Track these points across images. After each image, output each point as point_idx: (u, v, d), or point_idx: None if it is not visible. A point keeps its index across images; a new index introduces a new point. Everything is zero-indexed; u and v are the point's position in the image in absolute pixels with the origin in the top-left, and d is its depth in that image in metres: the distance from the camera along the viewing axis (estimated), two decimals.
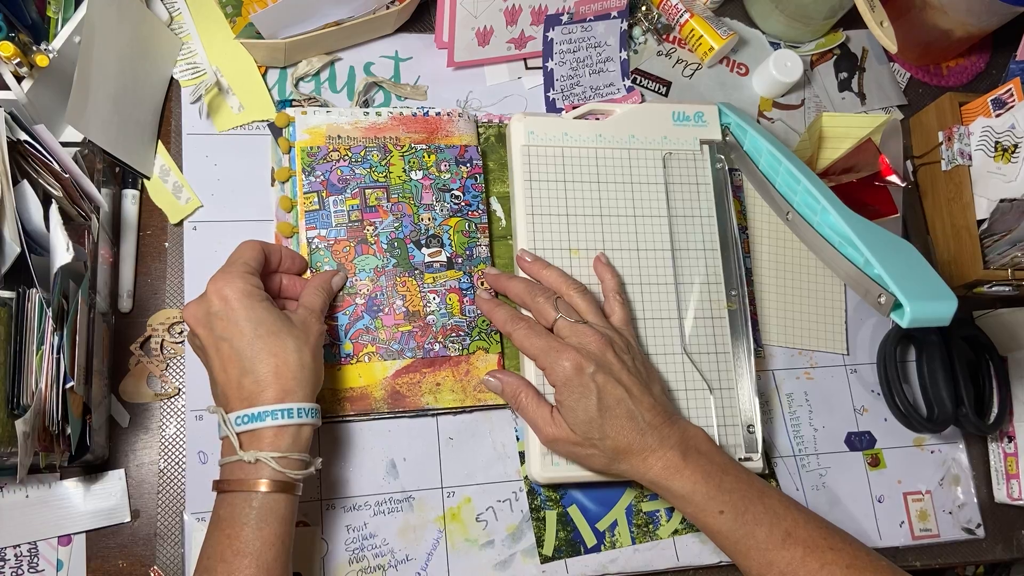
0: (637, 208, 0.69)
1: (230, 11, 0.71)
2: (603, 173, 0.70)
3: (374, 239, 0.66)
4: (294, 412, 0.52)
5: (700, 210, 0.71)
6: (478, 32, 0.73)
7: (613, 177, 0.70)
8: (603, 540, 0.66)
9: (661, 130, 0.72)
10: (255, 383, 0.52)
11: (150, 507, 0.61)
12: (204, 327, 0.54)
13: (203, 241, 0.67)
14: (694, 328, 0.68)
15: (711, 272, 0.69)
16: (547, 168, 0.69)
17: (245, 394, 0.52)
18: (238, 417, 0.52)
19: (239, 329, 0.53)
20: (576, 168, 0.69)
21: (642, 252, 0.68)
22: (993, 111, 0.76)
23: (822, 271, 0.76)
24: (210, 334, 0.53)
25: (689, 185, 0.71)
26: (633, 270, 0.68)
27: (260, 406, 0.52)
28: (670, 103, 0.75)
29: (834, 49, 0.85)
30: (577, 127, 0.70)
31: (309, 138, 0.68)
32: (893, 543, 0.70)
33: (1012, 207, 0.71)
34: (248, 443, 0.52)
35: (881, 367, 0.74)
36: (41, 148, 0.56)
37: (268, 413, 0.51)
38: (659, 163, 0.71)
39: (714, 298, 0.69)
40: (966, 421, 0.72)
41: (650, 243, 0.69)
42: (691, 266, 0.69)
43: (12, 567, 0.58)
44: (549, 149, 0.69)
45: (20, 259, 0.54)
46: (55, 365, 0.53)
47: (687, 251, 0.69)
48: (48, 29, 0.62)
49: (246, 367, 0.52)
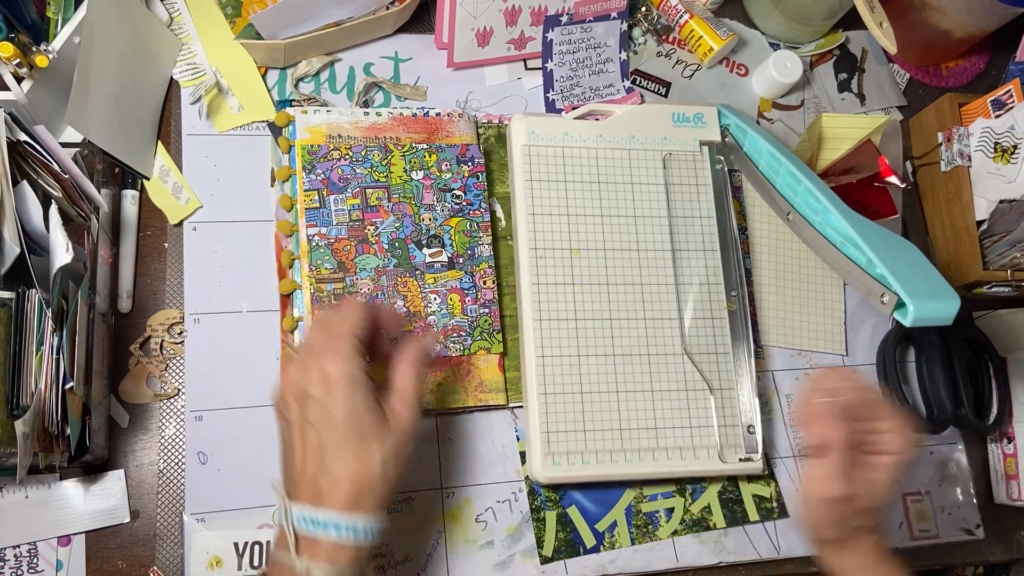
0: (637, 208, 0.70)
1: (230, 12, 0.71)
2: (603, 173, 0.70)
3: (375, 239, 0.66)
4: (360, 531, 0.48)
5: (700, 211, 0.71)
6: (478, 33, 0.73)
7: (613, 177, 0.70)
8: (602, 541, 0.66)
9: (661, 131, 0.72)
10: (329, 483, 0.48)
11: (149, 508, 0.61)
12: (298, 403, 0.50)
13: (203, 241, 0.67)
14: (694, 328, 0.68)
15: (711, 273, 0.69)
16: (548, 168, 0.69)
17: (315, 490, 0.48)
18: (302, 515, 0.48)
19: (331, 422, 0.49)
20: (577, 168, 0.69)
21: (642, 252, 0.69)
22: (992, 112, 0.76)
23: (821, 272, 0.76)
24: (301, 414, 0.50)
25: (689, 186, 0.71)
26: (633, 270, 0.68)
27: (327, 509, 0.48)
28: (670, 104, 0.75)
29: (834, 50, 0.85)
30: (578, 127, 0.71)
31: (309, 137, 0.68)
32: (893, 543, 0.70)
33: (1011, 208, 0.71)
34: (305, 547, 0.47)
35: (880, 368, 0.74)
36: (41, 149, 0.56)
37: (333, 525, 0.47)
38: (659, 164, 0.71)
39: (714, 299, 0.69)
40: (965, 422, 0.72)
41: (650, 243, 0.69)
42: (691, 267, 0.69)
43: (12, 567, 0.58)
44: (550, 149, 0.69)
45: (20, 259, 0.54)
46: (55, 365, 0.53)
47: (687, 252, 0.70)
48: (48, 29, 0.62)
49: (325, 463, 0.48)
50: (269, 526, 0.62)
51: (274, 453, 0.64)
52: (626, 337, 0.67)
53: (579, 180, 0.69)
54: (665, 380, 0.66)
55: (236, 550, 0.61)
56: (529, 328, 0.65)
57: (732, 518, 0.68)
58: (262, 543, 0.61)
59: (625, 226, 0.69)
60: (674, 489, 0.68)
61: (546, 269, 0.67)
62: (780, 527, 0.69)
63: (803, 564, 0.69)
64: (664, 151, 0.72)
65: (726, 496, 0.69)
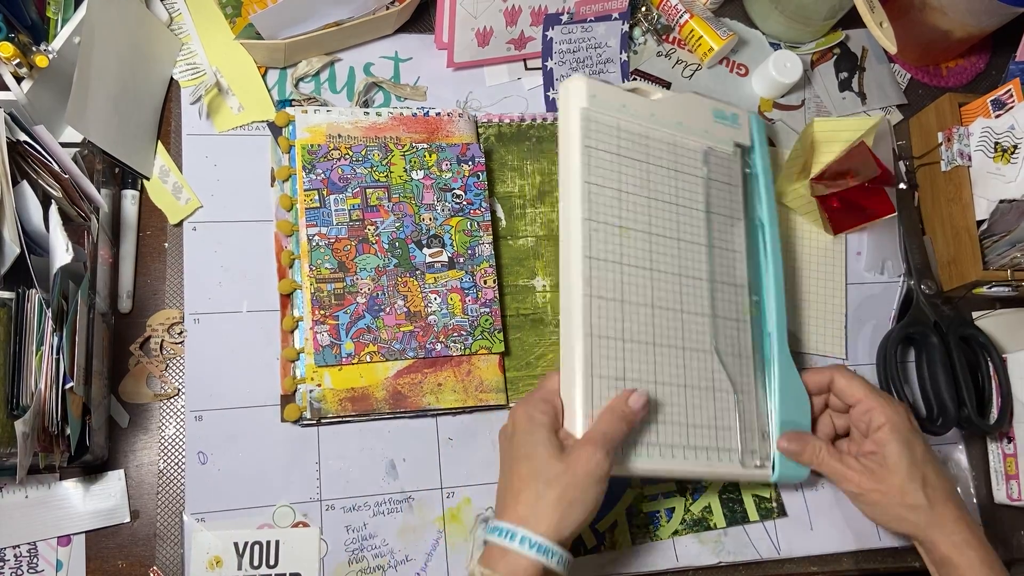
0: (680, 197, 0.67)
1: (230, 12, 0.71)
2: (653, 155, 0.67)
3: (375, 239, 0.66)
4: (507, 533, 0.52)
5: (732, 211, 0.70)
6: (478, 33, 0.73)
7: (661, 161, 0.67)
8: (603, 541, 0.66)
9: (703, 123, 0.70)
10: (507, 502, 0.55)
11: (149, 508, 0.61)
12: (506, 437, 0.59)
13: (203, 241, 0.67)
14: (723, 327, 0.66)
15: (738, 275, 0.68)
16: (606, 137, 0.65)
17: (498, 507, 0.57)
18: (491, 526, 0.54)
19: (510, 453, 0.57)
20: (630, 143, 0.66)
21: (682, 243, 0.66)
22: (993, 112, 0.76)
23: (821, 274, 0.76)
24: (506, 444, 0.58)
25: (724, 184, 0.70)
26: (673, 259, 0.65)
27: (506, 523, 0.53)
28: (712, 99, 0.73)
29: (834, 48, 0.85)
30: (635, 102, 0.67)
31: (309, 136, 0.68)
32: (893, 543, 0.70)
33: (1011, 208, 0.71)
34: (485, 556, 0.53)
35: (881, 368, 0.74)
36: (41, 149, 0.56)
37: (495, 529, 0.53)
38: (700, 156, 0.69)
39: (739, 301, 0.68)
40: (966, 422, 0.72)
41: (689, 235, 0.67)
42: (723, 265, 0.68)
43: (12, 567, 0.58)
44: (609, 118, 0.65)
45: (20, 260, 0.54)
46: (55, 365, 0.53)
47: (719, 249, 0.68)
48: (48, 29, 0.62)
49: (504, 485, 0.57)
50: (269, 526, 0.62)
51: (274, 453, 0.64)
52: (665, 327, 0.63)
53: (632, 157, 0.66)
54: (696, 376, 0.64)
55: (236, 550, 0.61)
56: (577, 305, 0.60)
57: (732, 518, 0.68)
58: (262, 543, 0.61)
59: (668, 212, 0.66)
60: (674, 489, 0.68)
61: (598, 244, 0.62)
62: (780, 527, 0.69)
63: (803, 564, 0.69)
64: (706, 145, 0.69)
65: (726, 496, 0.69)
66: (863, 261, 0.79)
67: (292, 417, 0.62)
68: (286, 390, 0.63)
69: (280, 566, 0.61)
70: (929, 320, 0.75)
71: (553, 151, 0.74)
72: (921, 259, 0.79)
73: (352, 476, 0.64)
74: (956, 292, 0.77)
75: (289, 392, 0.63)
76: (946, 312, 0.76)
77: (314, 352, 0.63)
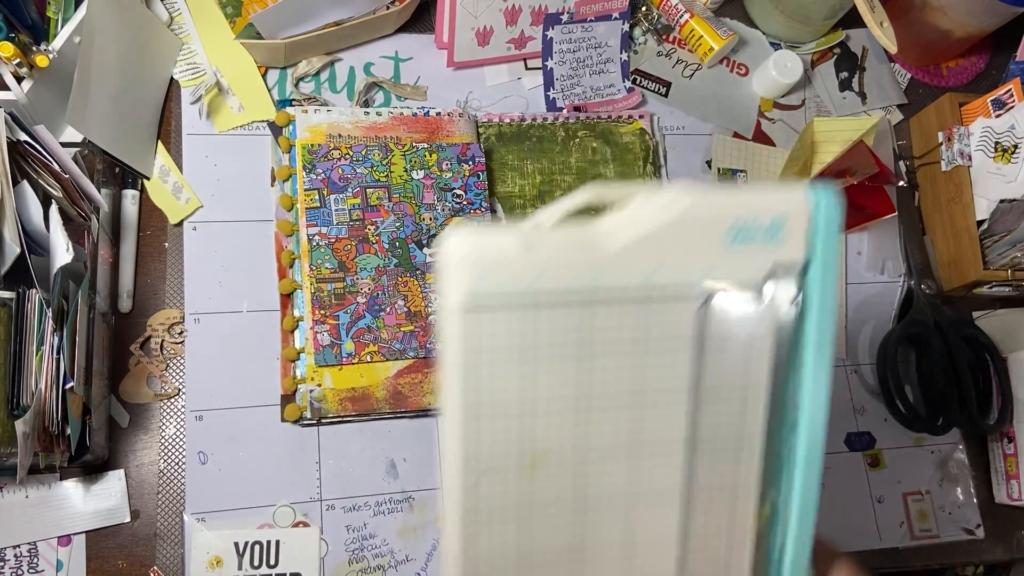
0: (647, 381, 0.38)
1: (230, 11, 0.71)
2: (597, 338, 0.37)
3: (375, 238, 0.66)
4: None
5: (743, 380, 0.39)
6: (478, 32, 0.73)
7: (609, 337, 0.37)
8: None
9: (705, 256, 0.37)
10: None
11: (150, 507, 0.61)
12: None
13: (203, 241, 0.67)
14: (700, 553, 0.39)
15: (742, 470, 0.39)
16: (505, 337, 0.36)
17: None
18: None
19: None
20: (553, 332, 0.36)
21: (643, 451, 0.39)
22: (993, 111, 0.76)
23: None
24: None
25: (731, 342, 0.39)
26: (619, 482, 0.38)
27: None
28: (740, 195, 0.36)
29: (834, 48, 0.85)
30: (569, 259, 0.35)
31: (310, 136, 0.68)
32: (893, 543, 0.70)
33: (1012, 207, 0.71)
34: None
35: (881, 368, 0.74)
36: (41, 148, 0.56)
37: None
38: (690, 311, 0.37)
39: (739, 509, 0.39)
40: (966, 421, 0.72)
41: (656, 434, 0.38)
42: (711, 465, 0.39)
43: (12, 567, 0.58)
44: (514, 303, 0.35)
45: (20, 259, 0.54)
46: (55, 365, 0.53)
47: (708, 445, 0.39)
48: (48, 29, 0.62)
49: None
50: (269, 526, 0.62)
51: (274, 453, 0.64)
52: None
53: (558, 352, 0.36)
54: None
55: (236, 550, 0.61)
56: None
57: None
58: (262, 543, 0.61)
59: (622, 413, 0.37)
60: None
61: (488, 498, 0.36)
62: None
63: None
64: (703, 293, 0.37)
65: None
66: (863, 261, 0.79)
67: (292, 417, 0.62)
68: (286, 390, 0.63)
69: (280, 566, 0.61)
70: (929, 320, 0.75)
71: (554, 151, 0.74)
72: (921, 259, 0.79)
73: (352, 476, 0.64)
74: (956, 292, 0.77)
75: (289, 392, 0.63)
76: (946, 312, 0.76)
77: (314, 352, 0.63)
